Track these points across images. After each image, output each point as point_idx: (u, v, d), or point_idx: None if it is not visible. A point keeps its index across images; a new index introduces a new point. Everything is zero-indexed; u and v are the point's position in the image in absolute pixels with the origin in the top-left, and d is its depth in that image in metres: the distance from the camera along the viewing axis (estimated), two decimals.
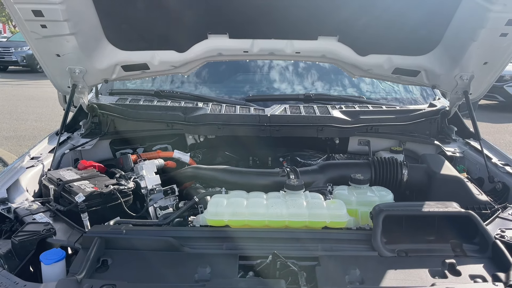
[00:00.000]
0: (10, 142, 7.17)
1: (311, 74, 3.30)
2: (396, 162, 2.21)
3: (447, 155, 2.53)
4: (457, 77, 2.46)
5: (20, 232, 1.58)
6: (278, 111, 2.69)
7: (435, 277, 1.41)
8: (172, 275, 1.43)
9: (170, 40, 2.42)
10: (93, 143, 2.59)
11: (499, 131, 8.58)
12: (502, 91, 10.52)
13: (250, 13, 2.24)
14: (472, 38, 2.18)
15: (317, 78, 3.29)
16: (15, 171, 2.11)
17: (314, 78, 3.28)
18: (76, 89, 2.50)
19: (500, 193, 2.18)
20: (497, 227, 1.71)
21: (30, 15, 2.01)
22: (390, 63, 2.49)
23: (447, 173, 2.13)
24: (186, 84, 3.25)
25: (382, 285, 1.39)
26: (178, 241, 1.55)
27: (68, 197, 1.87)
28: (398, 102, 3.14)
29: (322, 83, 3.27)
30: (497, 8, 1.97)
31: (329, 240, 1.60)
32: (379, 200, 1.90)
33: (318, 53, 2.48)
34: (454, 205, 1.69)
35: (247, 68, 3.34)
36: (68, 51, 2.26)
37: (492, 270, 1.43)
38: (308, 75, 3.29)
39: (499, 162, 2.35)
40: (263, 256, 1.49)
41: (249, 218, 1.75)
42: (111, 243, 1.55)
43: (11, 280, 1.36)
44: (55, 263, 1.45)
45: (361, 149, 2.79)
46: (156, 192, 2.14)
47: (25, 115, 9.26)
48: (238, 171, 2.25)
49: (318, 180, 2.19)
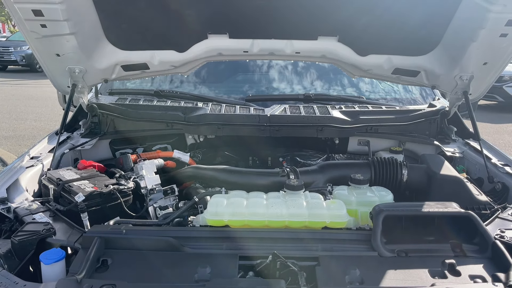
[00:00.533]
0: (9, 142, 7.16)
1: (310, 74, 3.30)
2: (396, 162, 2.21)
3: (446, 155, 2.53)
4: (456, 78, 2.46)
5: (19, 232, 1.57)
6: (278, 111, 2.69)
7: (435, 277, 1.41)
8: (172, 275, 1.43)
9: (170, 40, 2.42)
10: (93, 143, 2.59)
11: (498, 131, 8.58)
12: (502, 92, 10.53)
13: (250, 13, 2.24)
14: (472, 39, 2.18)
15: (317, 78, 3.29)
16: (15, 171, 2.11)
17: (313, 78, 3.28)
18: (75, 88, 2.50)
19: (500, 194, 2.18)
20: (497, 227, 1.71)
21: (30, 14, 2.01)
22: (390, 63, 2.49)
23: (447, 174, 2.13)
24: (186, 84, 3.25)
25: (382, 285, 1.39)
26: (178, 241, 1.55)
27: (67, 197, 1.87)
28: (398, 102, 3.14)
29: (322, 83, 3.27)
30: (497, 8, 1.97)
31: (329, 240, 1.60)
32: (379, 200, 1.90)
33: (318, 53, 2.48)
34: (454, 206, 1.69)
35: (247, 68, 3.34)
36: (68, 51, 2.26)
37: (492, 270, 1.43)
38: (307, 75, 3.29)
39: (498, 162, 2.36)
40: (263, 256, 1.49)
41: (249, 218, 1.75)
42: (111, 243, 1.55)
43: (11, 280, 1.35)
44: (55, 263, 1.45)
45: (361, 149, 2.79)
46: (156, 192, 2.13)
47: (24, 115, 9.25)
48: (238, 171, 2.25)
49: (318, 180, 2.19)
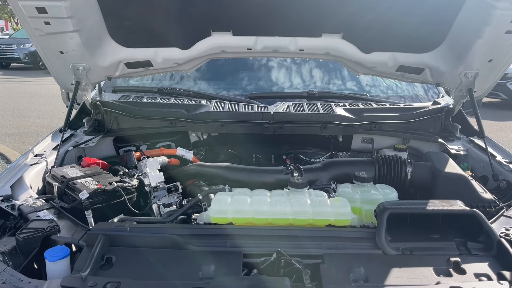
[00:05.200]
0: (13, 139, 7.18)
1: (314, 72, 3.28)
2: (400, 160, 2.20)
3: (451, 153, 2.52)
4: (461, 75, 2.45)
5: (24, 229, 1.58)
6: (282, 109, 2.69)
7: (439, 276, 1.41)
8: (176, 273, 1.42)
9: (173, 37, 2.42)
10: (97, 141, 2.59)
11: (502, 128, 8.55)
12: (505, 89, 10.45)
13: (253, 10, 2.23)
14: (477, 36, 2.17)
15: (321, 76, 3.28)
16: (19, 168, 2.12)
17: (317, 76, 3.27)
18: (79, 86, 2.51)
19: (505, 191, 2.16)
20: (502, 225, 1.71)
21: (34, 12, 2.01)
22: (394, 60, 2.48)
23: (452, 171, 2.12)
24: (189, 81, 3.24)
25: (386, 283, 1.38)
26: (182, 239, 1.55)
27: (72, 194, 1.87)
28: (402, 99, 3.13)
29: (326, 81, 3.26)
30: (502, 5, 1.96)
31: (333, 238, 1.60)
32: (383, 198, 1.89)
33: (322, 50, 2.47)
34: (459, 203, 1.68)
35: (251, 65, 3.33)
36: (71, 48, 2.26)
37: (497, 268, 1.43)
38: (311, 72, 3.28)
39: (503, 160, 2.34)
40: (267, 254, 1.48)
41: (253, 216, 1.75)
42: (115, 240, 1.55)
43: (16, 277, 1.36)
44: (60, 260, 1.46)
45: (365, 147, 2.78)
46: (160, 190, 2.14)
47: (27, 112, 9.27)
48: (242, 169, 2.24)
49: (322, 178, 2.18)
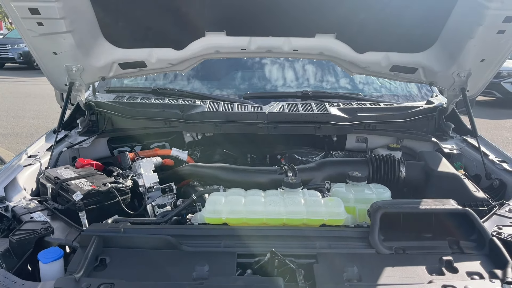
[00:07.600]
0: (7, 140, 7.15)
1: (308, 72, 3.29)
2: (393, 159, 2.22)
3: (444, 152, 2.54)
4: (454, 74, 2.46)
5: (17, 231, 1.57)
6: (276, 109, 2.69)
7: (432, 274, 1.41)
8: (170, 273, 1.43)
9: (167, 38, 2.42)
10: (91, 141, 2.58)
11: (496, 127, 8.60)
12: (500, 87, 10.54)
13: (247, 11, 2.23)
14: (470, 35, 2.18)
15: (315, 76, 3.29)
16: (13, 170, 2.11)
17: (311, 76, 3.28)
18: (73, 87, 2.50)
19: (497, 190, 2.18)
20: (494, 224, 1.72)
21: (27, 13, 2.00)
22: (388, 60, 2.49)
23: (445, 170, 2.14)
24: (184, 81, 3.24)
25: (379, 282, 1.39)
26: (176, 239, 1.55)
27: (66, 196, 1.87)
28: (396, 99, 3.14)
29: (320, 81, 3.27)
30: (494, 5, 1.97)
31: (327, 238, 1.60)
32: (376, 197, 1.90)
33: (315, 51, 2.48)
34: (452, 202, 1.69)
35: (245, 65, 3.34)
36: (65, 49, 2.26)
37: (489, 267, 1.44)
38: (305, 72, 3.29)
39: (496, 159, 2.36)
40: (261, 254, 1.49)
41: (247, 216, 1.75)
42: (109, 241, 1.55)
43: (9, 279, 1.35)
44: (53, 261, 1.45)
45: (359, 146, 2.79)
46: (154, 190, 2.13)
47: (22, 112, 9.23)
48: (236, 169, 2.25)
49: (316, 177, 2.19)
